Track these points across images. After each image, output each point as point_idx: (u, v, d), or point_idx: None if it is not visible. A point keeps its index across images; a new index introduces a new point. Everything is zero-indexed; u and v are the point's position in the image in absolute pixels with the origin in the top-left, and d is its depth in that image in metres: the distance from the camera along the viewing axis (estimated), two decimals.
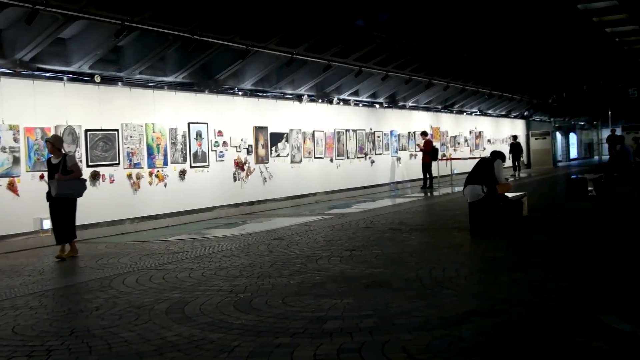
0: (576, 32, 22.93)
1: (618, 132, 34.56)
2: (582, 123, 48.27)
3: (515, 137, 31.94)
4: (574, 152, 49.50)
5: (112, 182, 13.23)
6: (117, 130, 13.40)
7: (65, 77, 12.60)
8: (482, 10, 18.11)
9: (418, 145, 24.48)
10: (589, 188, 16.56)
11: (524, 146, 36.41)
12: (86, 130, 12.75)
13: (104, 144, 13.10)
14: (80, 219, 12.24)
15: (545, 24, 20.98)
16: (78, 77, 12.82)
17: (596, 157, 44.14)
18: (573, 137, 49.54)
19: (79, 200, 10.43)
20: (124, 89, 13.77)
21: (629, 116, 41.05)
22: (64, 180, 10.06)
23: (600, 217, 13.08)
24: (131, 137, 13.68)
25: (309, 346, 5.11)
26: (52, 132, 12.04)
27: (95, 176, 12.83)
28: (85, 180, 10.76)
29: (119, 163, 13.42)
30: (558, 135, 43.68)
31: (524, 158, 33.03)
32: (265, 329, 5.64)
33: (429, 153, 22.95)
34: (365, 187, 22.07)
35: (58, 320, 6.37)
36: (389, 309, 6.14)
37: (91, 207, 12.67)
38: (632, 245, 9.38)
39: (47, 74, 12.36)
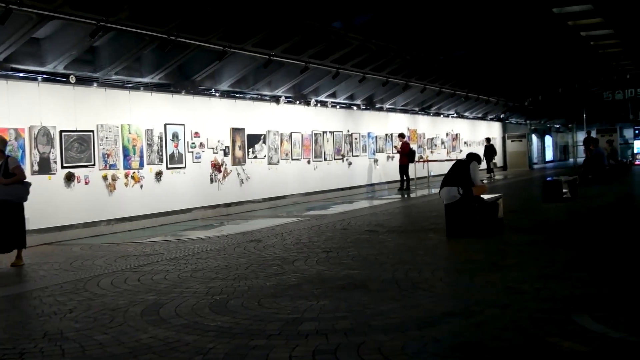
0: (552, 35, 23.17)
1: (593, 135, 34.96)
2: (558, 126, 48.80)
3: (488, 140, 32.10)
4: (549, 155, 50.07)
5: (87, 183, 13.11)
6: (92, 131, 13.28)
7: (39, 78, 12.46)
8: (459, 13, 18.23)
9: (395, 147, 24.57)
10: (564, 190, 16.73)
11: (500, 149, 36.73)
12: (61, 131, 12.61)
13: (79, 145, 12.97)
14: (55, 220, 12.18)
15: (521, 28, 21.17)
16: (53, 78, 12.68)
17: (571, 160, 44.64)
18: (549, 140, 50.14)
19: (57, 202, 10.26)
20: (100, 90, 13.65)
21: (604, 119, 41.56)
22: (5, 184, 9.47)
23: (574, 218, 13.23)
24: (107, 138, 13.57)
25: (285, 348, 5.11)
26: (26, 133, 11.92)
27: (70, 177, 12.70)
28: (29, 184, 9.87)
29: (94, 164, 13.29)
30: (534, 137, 44.14)
31: (496, 160, 33.27)
32: (241, 331, 5.62)
33: (406, 155, 23.08)
34: (342, 189, 22.09)
35: (31, 322, 6.30)
36: (365, 310, 6.16)
37: (66, 208, 12.58)
38: (606, 246, 9.50)
39: (21, 74, 12.20)
